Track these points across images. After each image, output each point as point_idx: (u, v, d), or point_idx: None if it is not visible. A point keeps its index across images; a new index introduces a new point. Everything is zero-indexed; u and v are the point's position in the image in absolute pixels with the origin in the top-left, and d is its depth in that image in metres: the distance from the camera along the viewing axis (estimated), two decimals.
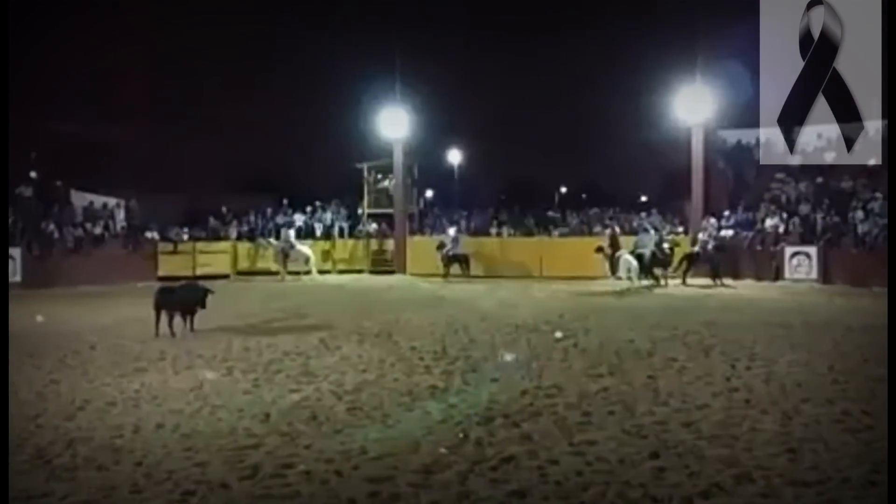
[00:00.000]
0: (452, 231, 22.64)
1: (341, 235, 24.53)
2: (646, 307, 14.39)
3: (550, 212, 26.80)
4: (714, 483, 4.96)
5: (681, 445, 5.71)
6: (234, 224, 24.36)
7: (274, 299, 16.17)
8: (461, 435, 6.06)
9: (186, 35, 27.92)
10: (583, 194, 38.11)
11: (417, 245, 23.50)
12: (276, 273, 22.20)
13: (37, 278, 19.23)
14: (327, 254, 23.77)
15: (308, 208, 25.34)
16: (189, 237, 23.41)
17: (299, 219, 24.83)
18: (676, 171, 23.47)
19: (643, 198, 33.39)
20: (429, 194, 32.63)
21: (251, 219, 24.92)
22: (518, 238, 23.59)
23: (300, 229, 24.17)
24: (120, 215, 24.10)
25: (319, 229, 24.54)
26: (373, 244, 24.30)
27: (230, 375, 8.41)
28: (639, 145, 29.22)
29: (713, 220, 20.56)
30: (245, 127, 30.97)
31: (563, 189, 42.23)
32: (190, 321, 11.19)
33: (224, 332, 11.22)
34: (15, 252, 19.78)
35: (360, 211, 25.09)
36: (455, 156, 38.35)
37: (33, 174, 23.21)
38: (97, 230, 22.61)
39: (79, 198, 23.64)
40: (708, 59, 21.20)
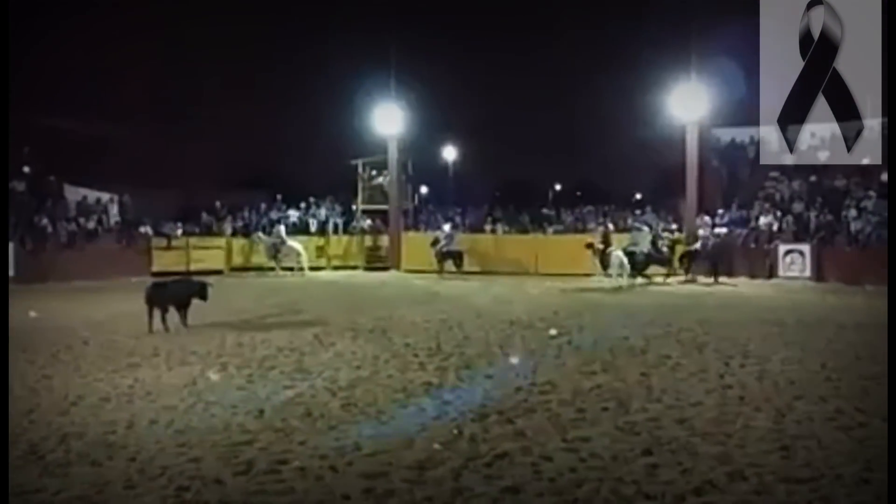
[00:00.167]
0: (447, 228, 22.66)
1: (335, 231, 24.50)
2: (640, 304, 14.43)
3: (545, 209, 26.84)
4: (707, 480, 4.97)
5: (674, 442, 5.72)
6: (229, 220, 24.32)
7: (268, 295, 16.15)
8: (455, 431, 6.06)
9: (182, 32, 27.91)
10: (577, 192, 38.26)
11: (412, 241, 23.47)
12: (271, 269, 22.18)
13: (30, 273, 19.10)
14: (321, 250, 23.76)
15: (302, 204, 25.31)
16: (183, 232, 23.34)
17: (294, 215, 24.81)
18: (671, 169, 23.49)
19: (637, 195, 33.38)
20: (423, 191, 32.64)
21: (245, 214, 24.90)
22: (513, 235, 23.60)
23: (294, 225, 24.15)
24: (113, 210, 23.98)
25: (314, 225, 24.51)
26: (367, 240, 24.27)
27: (224, 371, 8.40)
28: (633, 143, 29.34)
29: (707, 218, 20.61)
30: (240, 123, 30.93)
31: (558, 186, 42.37)
32: (183, 316, 11.18)
33: (218, 328, 11.19)
34: (8, 247, 19.67)
35: (355, 207, 25.10)
36: (450, 152, 38.33)
37: (26, 169, 23.03)
38: (91, 225, 22.50)
39: (72, 192, 23.47)
40: (702, 57, 21.23)
